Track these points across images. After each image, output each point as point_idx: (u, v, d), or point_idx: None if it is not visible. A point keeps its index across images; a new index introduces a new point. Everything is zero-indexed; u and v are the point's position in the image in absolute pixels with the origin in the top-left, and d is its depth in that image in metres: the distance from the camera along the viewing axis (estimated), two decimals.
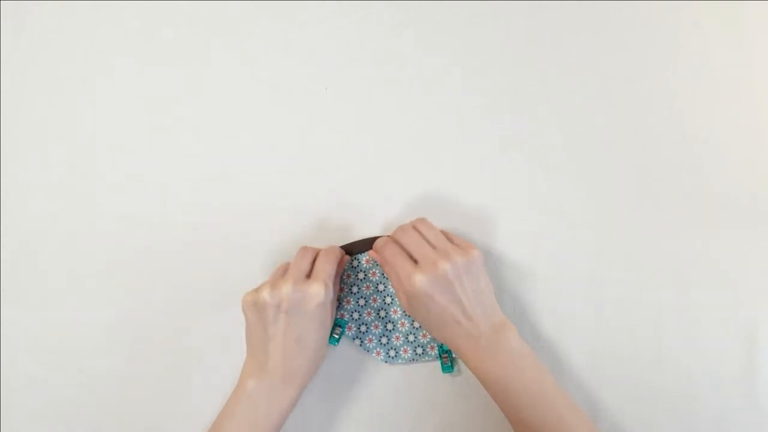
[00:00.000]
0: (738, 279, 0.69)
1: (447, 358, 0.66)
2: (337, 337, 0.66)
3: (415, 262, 0.60)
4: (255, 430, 0.58)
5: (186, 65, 0.72)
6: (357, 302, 0.68)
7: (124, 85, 0.72)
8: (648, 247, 0.69)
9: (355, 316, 0.67)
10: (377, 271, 0.68)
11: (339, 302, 0.68)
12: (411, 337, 0.67)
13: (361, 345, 0.67)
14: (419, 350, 0.67)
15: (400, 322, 0.67)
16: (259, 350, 0.60)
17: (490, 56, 0.72)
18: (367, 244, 0.68)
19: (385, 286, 0.68)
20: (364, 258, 0.68)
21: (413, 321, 0.67)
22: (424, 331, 0.67)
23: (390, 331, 0.67)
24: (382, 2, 0.72)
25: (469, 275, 0.60)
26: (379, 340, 0.67)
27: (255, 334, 0.61)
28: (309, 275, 0.62)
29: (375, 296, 0.68)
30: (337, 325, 0.67)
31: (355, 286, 0.68)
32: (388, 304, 0.67)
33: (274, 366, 0.59)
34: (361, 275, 0.68)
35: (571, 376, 0.67)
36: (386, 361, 0.67)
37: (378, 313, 0.68)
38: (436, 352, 0.67)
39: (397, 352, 0.67)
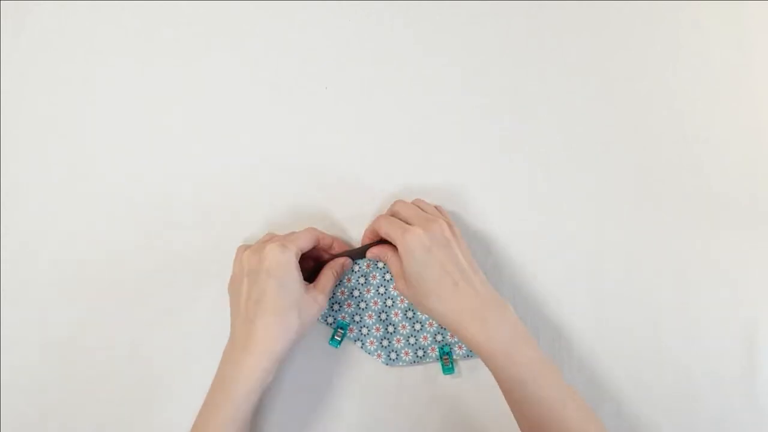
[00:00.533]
0: (738, 279, 0.69)
1: (448, 360, 0.66)
2: (339, 339, 0.66)
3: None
4: (226, 396, 0.58)
5: (186, 65, 0.72)
6: (358, 305, 0.68)
7: (124, 85, 0.72)
8: (648, 247, 0.70)
9: (357, 318, 0.67)
10: (377, 275, 0.68)
11: (339, 305, 0.68)
12: (412, 340, 0.67)
13: (362, 347, 0.67)
14: (420, 352, 0.67)
15: (401, 324, 0.67)
16: (232, 320, 0.62)
17: (490, 56, 0.72)
18: (366, 250, 0.68)
19: (386, 289, 0.68)
20: (364, 263, 0.68)
21: (414, 324, 0.67)
22: (425, 333, 0.67)
23: (391, 333, 0.67)
24: (382, 2, 0.72)
25: (462, 244, 0.61)
26: (380, 343, 0.67)
27: (231, 307, 0.62)
28: None
29: (376, 299, 0.68)
30: (339, 327, 0.67)
31: (356, 290, 0.68)
32: (389, 307, 0.68)
33: (238, 332, 0.60)
34: (362, 279, 0.68)
35: (572, 376, 0.68)
36: (387, 364, 0.67)
37: (379, 316, 0.68)
38: (437, 353, 0.67)
39: (398, 355, 0.67)
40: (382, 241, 0.65)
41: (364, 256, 0.67)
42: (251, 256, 0.60)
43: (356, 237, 0.69)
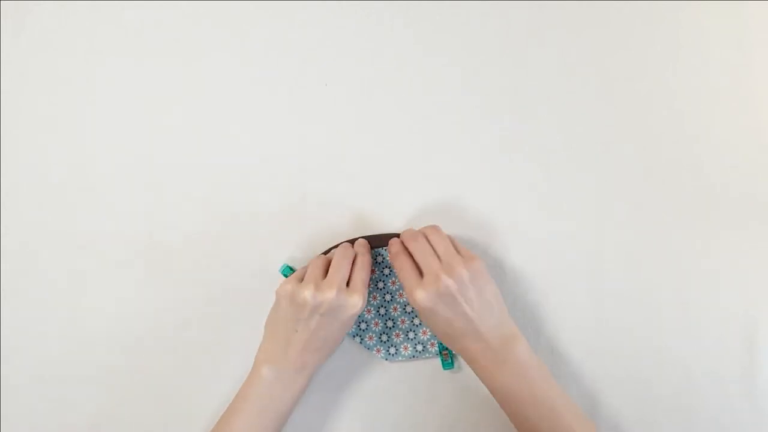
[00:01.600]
0: (738, 279, 0.71)
1: (447, 355, 0.68)
2: None
3: (421, 273, 0.63)
4: (267, 414, 0.62)
5: (186, 65, 0.74)
6: None
7: (124, 84, 0.74)
8: (648, 246, 0.71)
9: None
10: (376, 269, 0.70)
11: None
12: (411, 335, 0.69)
13: (361, 342, 0.69)
14: (419, 347, 0.69)
15: (400, 319, 0.69)
16: (281, 338, 0.63)
17: (490, 56, 0.74)
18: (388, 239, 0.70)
19: (384, 284, 0.70)
20: None
21: (413, 318, 0.69)
22: (424, 328, 0.69)
23: (390, 328, 0.69)
24: (382, 2, 0.74)
25: (475, 287, 0.62)
26: (379, 338, 0.69)
27: (283, 324, 0.64)
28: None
29: (374, 294, 0.70)
30: None
31: None
32: (388, 302, 0.69)
33: (293, 356, 0.63)
34: None
35: (572, 376, 0.70)
36: (386, 359, 0.69)
37: (378, 311, 0.70)
38: (437, 348, 0.68)
39: (397, 350, 0.69)
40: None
41: (385, 245, 0.69)
42: (334, 300, 0.61)
43: (353, 235, 0.70)
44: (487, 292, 0.63)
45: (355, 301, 0.63)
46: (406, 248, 0.66)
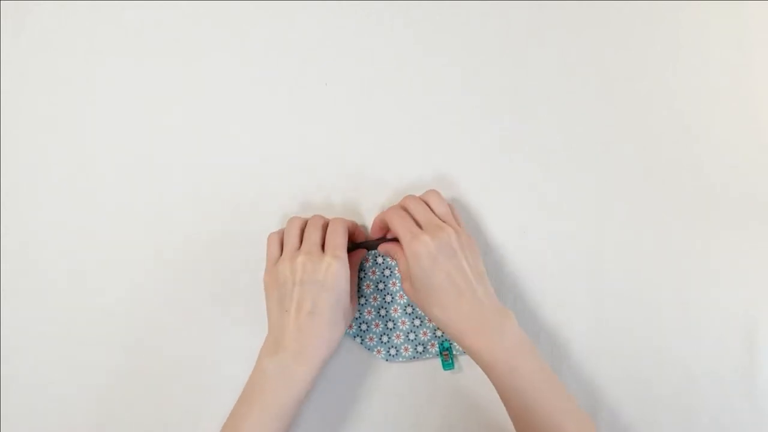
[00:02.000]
0: (738, 279, 0.71)
1: (447, 355, 0.68)
2: None
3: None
4: (270, 410, 0.60)
5: (186, 65, 0.74)
6: (357, 301, 0.70)
7: (123, 84, 0.74)
8: (648, 246, 0.71)
9: (356, 314, 0.69)
10: (377, 270, 0.70)
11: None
12: (411, 336, 0.69)
13: (361, 343, 0.69)
14: (420, 348, 0.69)
15: (400, 320, 0.69)
16: (277, 325, 0.62)
17: (490, 56, 0.74)
18: (366, 245, 0.70)
19: (385, 285, 0.70)
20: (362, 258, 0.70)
21: (413, 319, 0.69)
22: (425, 329, 0.69)
23: (390, 329, 0.69)
24: (382, 2, 0.74)
25: (471, 255, 0.63)
26: (380, 339, 0.69)
27: (274, 308, 0.63)
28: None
29: (375, 295, 0.70)
30: None
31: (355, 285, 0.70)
32: (388, 303, 0.70)
33: (288, 341, 0.61)
34: (360, 274, 0.70)
35: (571, 375, 0.70)
36: (387, 359, 0.69)
37: (378, 312, 0.70)
38: (437, 349, 0.69)
39: (397, 350, 0.69)
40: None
41: (376, 248, 0.69)
42: (306, 264, 0.62)
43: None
44: (480, 265, 0.64)
45: (328, 262, 0.62)
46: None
